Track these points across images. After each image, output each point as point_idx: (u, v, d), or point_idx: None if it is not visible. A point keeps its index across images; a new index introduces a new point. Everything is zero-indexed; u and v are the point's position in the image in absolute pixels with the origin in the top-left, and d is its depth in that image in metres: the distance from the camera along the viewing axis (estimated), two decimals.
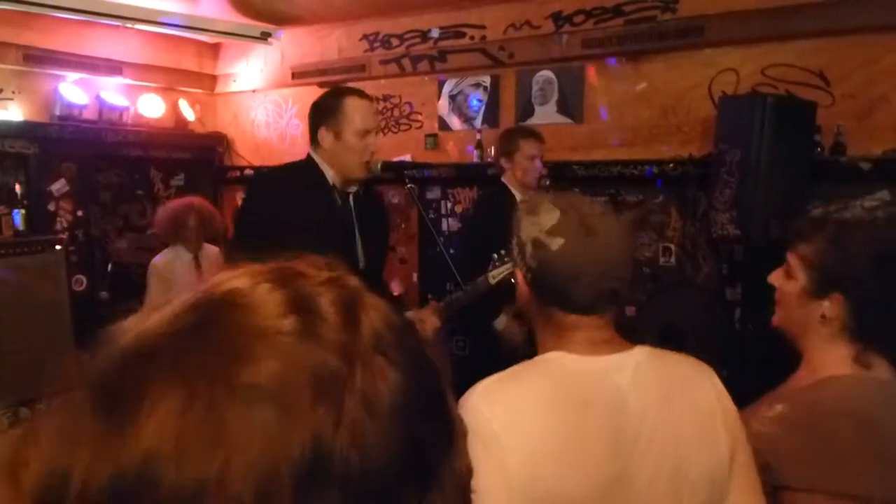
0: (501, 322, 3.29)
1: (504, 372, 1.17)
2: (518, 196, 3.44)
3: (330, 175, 2.50)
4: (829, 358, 1.43)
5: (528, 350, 1.23)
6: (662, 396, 1.16)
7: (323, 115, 2.52)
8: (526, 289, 1.25)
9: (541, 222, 1.21)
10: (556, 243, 1.18)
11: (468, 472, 0.46)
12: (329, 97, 2.59)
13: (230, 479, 0.35)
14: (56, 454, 0.38)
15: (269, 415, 0.37)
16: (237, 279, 0.44)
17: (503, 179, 3.51)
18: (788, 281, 1.49)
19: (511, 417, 1.08)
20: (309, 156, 2.54)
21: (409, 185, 2.78)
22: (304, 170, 2.52)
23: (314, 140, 2.52)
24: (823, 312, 1.42)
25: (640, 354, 1.20)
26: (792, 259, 1.48)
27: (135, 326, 0.43)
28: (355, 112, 2.51)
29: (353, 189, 2.56)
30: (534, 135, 3.48)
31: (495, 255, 2.57)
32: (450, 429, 0.46)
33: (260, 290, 0.43)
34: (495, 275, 2.56)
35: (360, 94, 2.60)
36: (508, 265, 2.49)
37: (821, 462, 1.28)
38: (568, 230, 1.18)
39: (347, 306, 0.43)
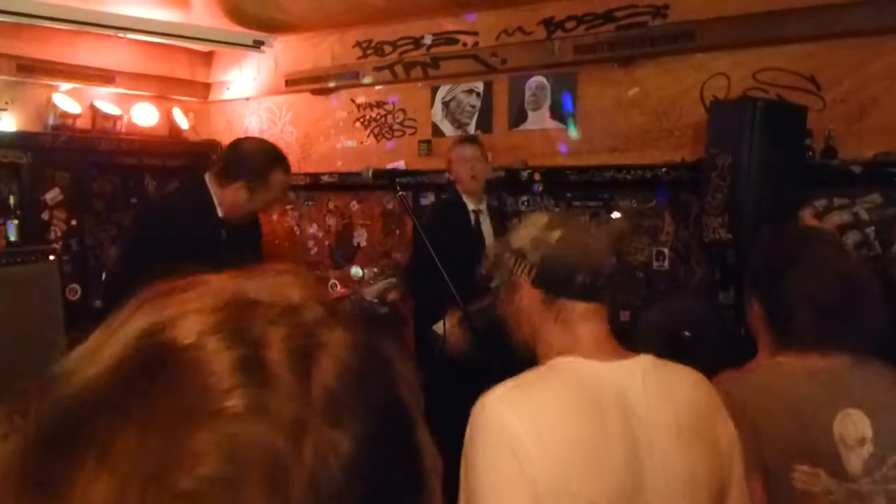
0: (441, 327, 3.26)
1: (517, 378, 1.19)
2: (469, 204, 3.55)
3: (218, 205, 2.58)
4: (762, 352, 1.60)
5: (478, 355, 1.27)
6: (669, 402, 1.19)
7: (248, 172, 2.57)
8: (529, 291, 1.28)
9: (534, 224, 1.32)
10: (554, 235, 1.27)
11: None
12: (260, 159, 2.65)
13: None
14: None
15: None
16: (186, 320, 0.40)
17: (459, 191, 3.63)
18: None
19: (534, 423, 1.09)
20: (201, 180, 2.59)
21: (400, 193, 2.79)
22: (197, 195, 2.57)
23: (223, 178, 2.56)
24: (755, 311, 1.59)
25: (645, 362, 1.23)
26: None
27: (75, 370, 0.39)
28: (278, 186, 2.62)
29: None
30: (463, 139, 3.73)
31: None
32: (418, 471, 0.43)
33: (208, 347, 0.38)
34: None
35: (287, 167, 2.73)
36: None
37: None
38: (562, 225, 1.30)
39: (300, 357, 0.39)
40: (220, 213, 2.58)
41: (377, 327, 0.45)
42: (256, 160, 2.63)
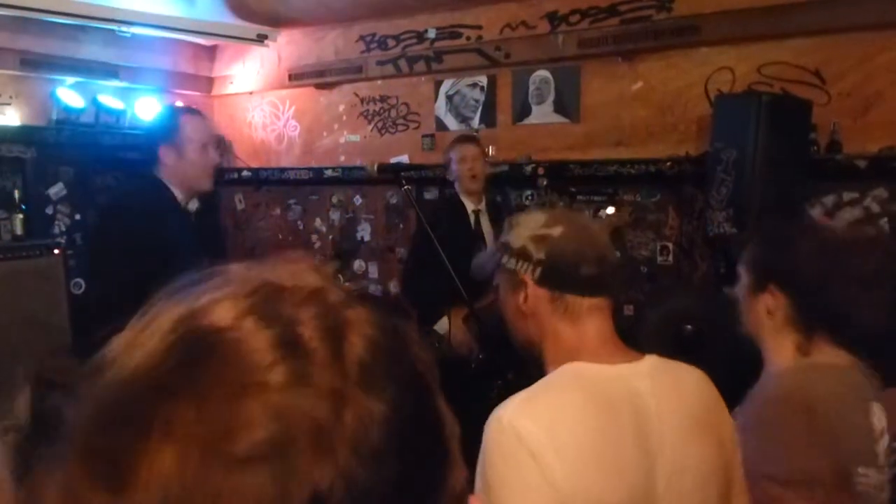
0: (443, 325, 3.27)
1: (529, 389, 1.18)
2: (469, 205, 3.54)
3: (177, 193, 2.58)
4: (780, 350, 1.51)
5: (484, 356, 1.25)
6: (677, 401, 1.19)
7: (161, 135, 2.61)
8: (534, 290, 1.26)
9: (530, 223, 1.29)
10: (556, 231, 1.25)
11: (463, 485, 0.46)
12: (164, 118, 2.74)
13: None
14: None
15: (267, 480, 0.36)
16: (220, 306, 0.43)
17: (457, 191, 3.62)
18: (738, 286, 1.59)
19: (552, 431, 1.09)
20: (154, 176, 2.60)
21: (405, 187, 2.79)
22: (155, 191, 2.57)
23: (156, 160, 2.60)
24: (767, 306, 1.50)
25: (652, 362, 1.23)
26: (739, 268, 1.60)
27: (119, 358, 0.42)
28: (193, 129, 2.60)
29: (194, 207, 2.65)
30: (462, 139, 3.67)
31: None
32: (443, 439, 0.45)
33: (246, 327, 0.41)
34: None
35: (192, 111, 2.75)
36: None
37: (766, 451, 1.33)
38: (561, 220, 1.28)
39: (332, 334, 0.42)
40: (178, 198, 2.57)
41: (389, 311, 0.48)
42: (160, 122, 2.72)
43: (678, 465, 1.15)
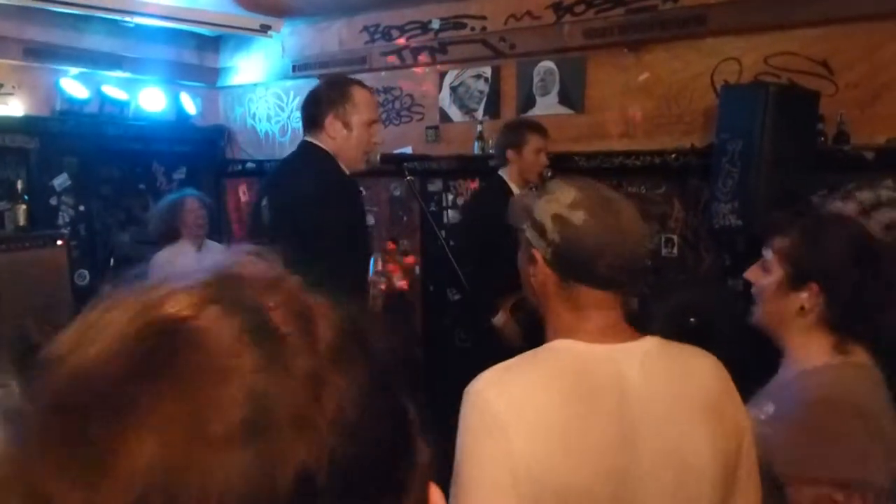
0: (500, 319, 3.28)
1: (510, 360, 1.17)
2: (515, 191, 3.43)
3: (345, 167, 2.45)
4: (810, 349, 1.46)
5: (526, 348, 1.22)
6: (670, 387, 1.16)
7: (330, 103, 2.44)
8: (543, 269, 1.23)
9: (559, 199, 1.20)
10: (578, 217, 1.17)
11: (429, 465, 0.47)
12: (335, 86, 2.52)
13: None
14: None
15: (251, 459, 0.36)
16: (177, 298, 0.41)
17: (501, 173, 3.51)
18: (765, 275, 1.51)
19: (518, 406, 1.08)
20: (315, 146, 2.44)
21: (408, 178, 2.78)
22: (328, 161, 2.42)
23: (319, 128, 2.43)
24: (802, 304, 1.44)
25: (649, 344, 1.19)
26: (768, 254, 1.51)
27: (69, 355, 0.40)
28: (363, 102, 2.46)
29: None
30: (541, 129, 3.51)
31: None
32: (407, 423, 0.46)
33: (208, 316, 0.40)
34: None
35: (363, 84, 2.56)
36: None
37: (819, 453, 1.28)
38: (589, 204, 1.19)
39: (301, 318, 0.43)
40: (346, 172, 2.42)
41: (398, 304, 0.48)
42: (330, 89, 2.50)
43: (666, 450, 1.12)
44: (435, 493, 0.48)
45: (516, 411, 1.07)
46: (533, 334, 1.29)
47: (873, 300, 1.40)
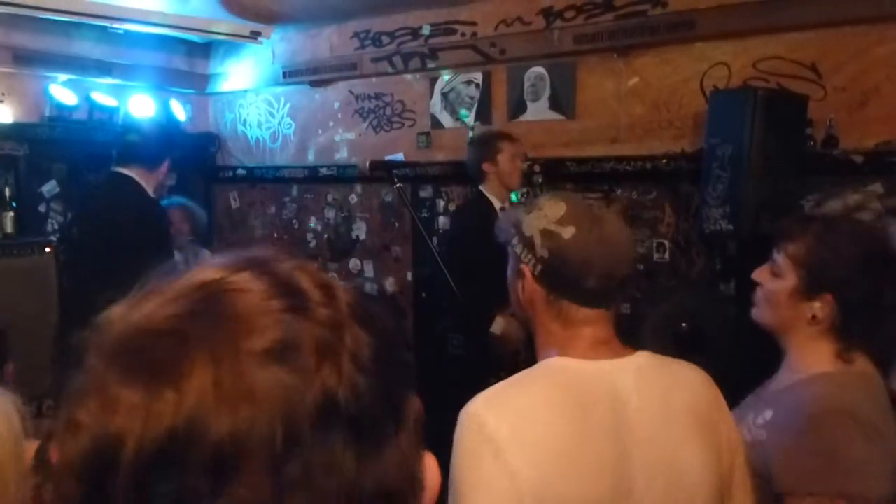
0: (498, 326, 3.26)
1: (506, 381, 1.16)
2: (497, 203, 3.45)
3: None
4: (813, 356, 1.43)
5: (528, 352, 1.22)
6: (663, 402, 1.15)
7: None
8: (532, 285, 1.22)
9: (547, 214, 1.20)
10: (568, 232, 1.16)
11: (421, 411, 0.55)
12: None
13: (260, 426, 0.42)
14: (100, 424, 0.43)
15: (285, 376, 0.44)
16: (213, 271, 0.50)
17: (481, 188, 3.51)
18: (775, 280, 1.47)
19: (516, 427, 1.07)
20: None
21: (397, 185, 2.77)
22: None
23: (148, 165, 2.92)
24: (814, 313, 1.40)
25: (641, 359, 1.19)
26: (780, 258, 1.47)
27: (125, 315, 0.48)
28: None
29: None
30: (510, 136, 3.59)
31: None
32: (409, 374, 0.55)
33: (241, 277, 0.49)
34: None
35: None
36: None
37: (817, 467, 1.26)
38: (578, 219, 1.18)
39: (324, 286, 0.51)
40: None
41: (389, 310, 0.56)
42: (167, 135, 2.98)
43: (661, 465, 1.11)
44: (430, 460, 0.55)
45: (514, 433, 1.07)
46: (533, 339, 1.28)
47: (887, 311, 1.37)
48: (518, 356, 3.06)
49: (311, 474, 0.44)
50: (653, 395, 1.15)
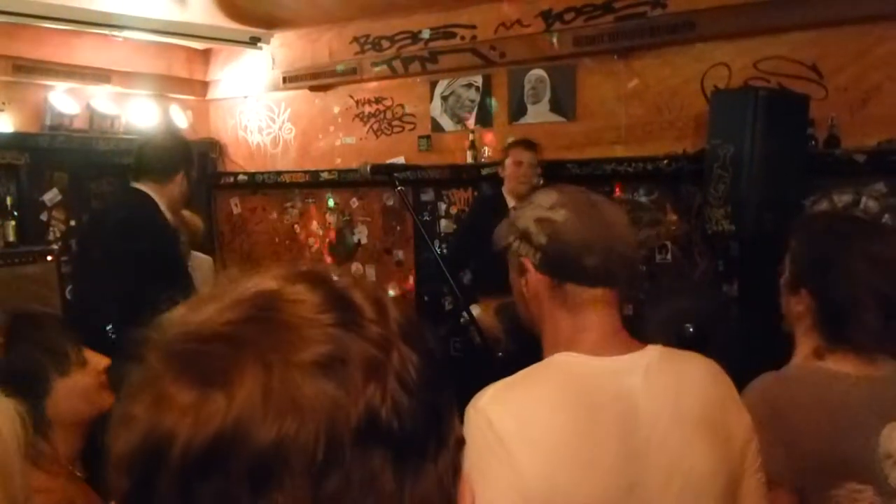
0: (477, 309, 3.26)
1: (512, 377, 1.15)
2: (510, 201, 3.60)
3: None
4: (800, 351, 1.45)
5: (512, 347, 1.21)
6: (674, 398, 1.14)
7: (186, 162, 2.91)
8: (535, 276, 1.21)
9: (541, 203, 1.20)
10: (560, 215, 1.17)
11: (461, 433, 0.56)
12: (183, 144, 3.05)
13: (304, 435, 0.43)
14: (153, 421, 0.44)
15: (331, 388, 0.45)
16: (271, 281, 0.52)
17: (503, 189, 3.75)
18: (783, 279, 1.50)
19: (522, 424, 1.06)
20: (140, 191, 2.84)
21: (398, 188, 2.76)
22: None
23: (161, 177, 2.84)
24: (798, 307, 1.44)
25: (652, 355, 1.17)
26: (786, 258, 1.49)
27: (185, 317, 0.50)
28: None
29: None
30: (519, 143, 3.77)
31: None
32: (451, 395, 0.55)
33: (298, 289, 0.50)
34: None
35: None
36: None
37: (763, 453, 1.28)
38: (570, 203, 1.18)
39: (376, 300, 0.52)
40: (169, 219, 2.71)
41: None
42: (180, 147, 2.89)
43: (669, 462, 1.10)
44: (465, 485, 0.55)
45: (521, 430, 1.06)
46: (518, 336, 1.27)
47: (862, 308, 1.36)
48: (499, 345, 3.09)
49: (350, 489, 0.44)
50: (663, 394, 1.13)
